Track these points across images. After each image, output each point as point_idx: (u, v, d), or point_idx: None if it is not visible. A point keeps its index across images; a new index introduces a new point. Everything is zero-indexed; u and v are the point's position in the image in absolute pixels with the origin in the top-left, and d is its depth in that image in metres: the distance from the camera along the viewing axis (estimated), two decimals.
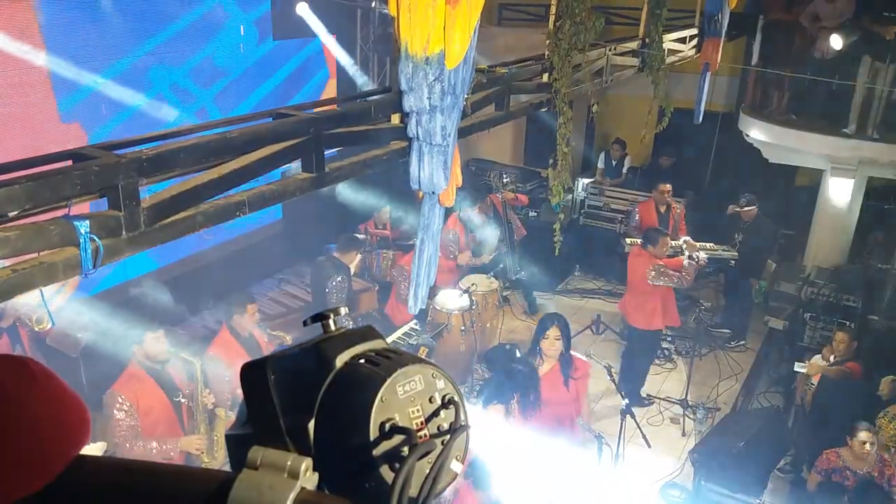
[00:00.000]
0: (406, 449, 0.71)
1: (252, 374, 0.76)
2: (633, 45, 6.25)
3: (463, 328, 6.51)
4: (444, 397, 0.77)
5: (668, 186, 7.88)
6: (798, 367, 6.17)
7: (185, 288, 6.83)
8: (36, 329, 5.05)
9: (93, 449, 4.12)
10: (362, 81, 8.53)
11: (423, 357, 0.80)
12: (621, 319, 8.21)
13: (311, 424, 0.73)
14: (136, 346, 4.19)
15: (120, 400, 4.06)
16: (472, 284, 6.77)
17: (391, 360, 0.76)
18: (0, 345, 5.14)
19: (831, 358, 5.95)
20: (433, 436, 0.75)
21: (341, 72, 8.63)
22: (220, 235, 7.30)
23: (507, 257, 8.12)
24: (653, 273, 6.43)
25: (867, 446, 4.83)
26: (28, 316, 5.05)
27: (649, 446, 5.32)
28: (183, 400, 4.35)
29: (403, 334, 6.14)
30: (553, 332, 4.74)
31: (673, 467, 6.02)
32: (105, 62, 5.98)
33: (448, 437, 0.75)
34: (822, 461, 5.09)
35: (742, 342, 8.03)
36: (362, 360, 0.77)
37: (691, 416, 6.66)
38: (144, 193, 2.40)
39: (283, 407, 0.73)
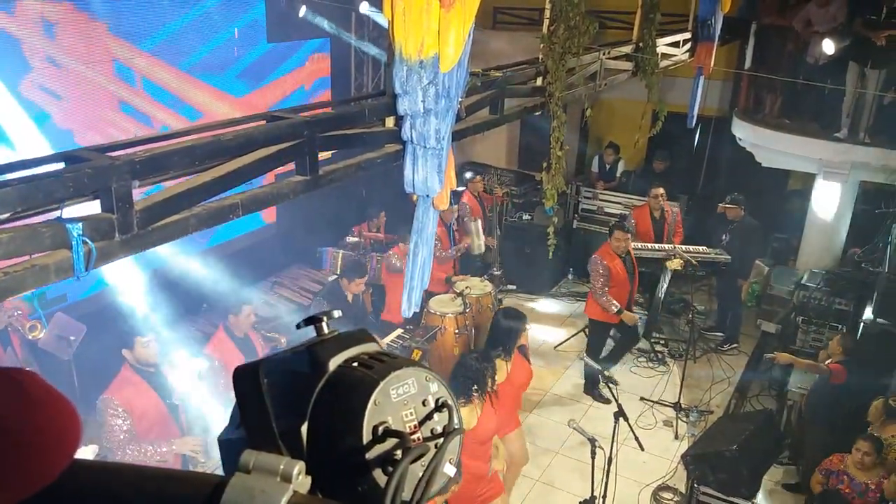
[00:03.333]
0: (399, 452, 0.71)
1: (245, 377, 0.75)
2: (627, 49, 6.26)
3: (457, 331, 6.50)
4: (437, 400, 0.77)
5: (661, 190, 7.90)
6: (767, 356, 6.26)
7: (178, 291, 6.80)
8: (29, 337, 5.03)
9: (85, 452, 4.10)
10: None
11: (416, 360, 0.80)
12: None
13: (305, 428, 0.73)
14: (125, 350, 4.17)
15: (114, 405, 4.04)
16: (467, 287, 6.77)
17: (384, 364, 0.76)
18: None
19: (827, 361, 5.97)
20: (426, 439, 0.75)
21: (335, 74, 8.63)
22: (213, 238, 7.28)
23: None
24: (593, 264, 6.71)
25: (865, 458, 4.85)
26: (21, 323, 5.02)
27: (642, 449, 5.33)
28: (177, 402, 4.33)
29: (397, 337, 6.14)
30: (525, 325, 5.02)
31: (666, 470, 6.03)
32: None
33: (441, 440, 0.75)
34: (826, 462, 5.13)
35: (735, 345, 8.05)
36: (355, 364, 0.77)
37: (684, 419, 6.68)
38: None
39: (276, 410, 0.73)
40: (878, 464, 4.91)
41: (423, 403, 0.76)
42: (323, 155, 3.12)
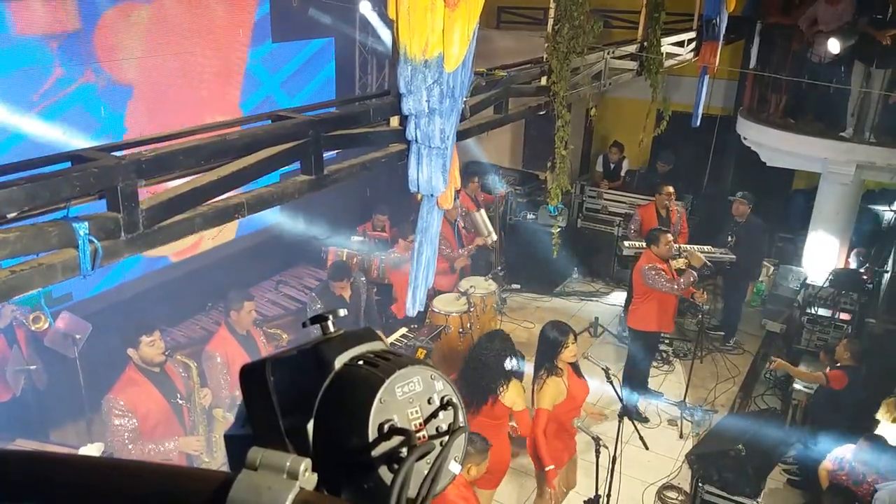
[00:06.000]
0: (405, 450, 0.71)
1: (251, 375, 0.76)
2: (632, 48, 6.26)
3: (461, 330, 6.51)
4: (442, 399, 0.77)
5: (671, 189, 7.89)
6: (769, 366, 6.28)
7: (183, 290, 6.83)
8: (32, 329, 5.04)
9: (90, 450, 4.12)
10: None
11: (421, 359, 0.80)
12: (619, 321, 8.23)
13: (310, 425, 0.73)
14: (131, 350, 4.19)
15: (119, 405, 4.06)
16: (471, 287, 6.78)
17: (390, 362, 0.76)
18: None
19: (828, 363, 5.97)
20: (432, 437, 0.75)
21: (341, 73, 8.64)
22: (218, 237, 7.30)
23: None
24: (648, 273, 6.36)
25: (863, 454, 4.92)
26: (25, 316, 5.04)
27: (647, 448, 5.33)
28: (182, 402, 4.34)
29: (401, 336, 6.14)
30: (572, 339, 4.79)
31: (670, 469, 6.02)
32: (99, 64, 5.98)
33: (447, 438, 0.76)
34: (836, 450, 5.20)
35: (734, 339, 8.05)
36: (361, 362, 0.77)
37: (689, 418, 6.67)
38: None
39: (282, 408, 0.73)
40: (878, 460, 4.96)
41: (429, 401, 0.76)
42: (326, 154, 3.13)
